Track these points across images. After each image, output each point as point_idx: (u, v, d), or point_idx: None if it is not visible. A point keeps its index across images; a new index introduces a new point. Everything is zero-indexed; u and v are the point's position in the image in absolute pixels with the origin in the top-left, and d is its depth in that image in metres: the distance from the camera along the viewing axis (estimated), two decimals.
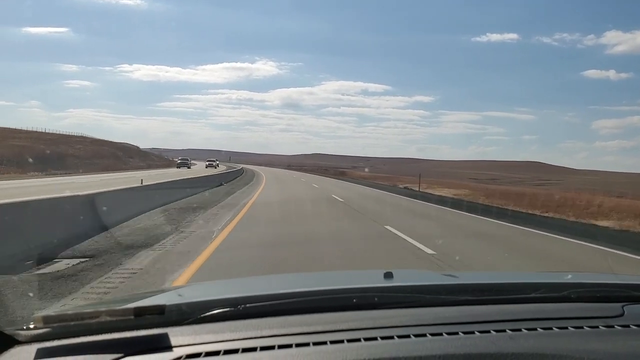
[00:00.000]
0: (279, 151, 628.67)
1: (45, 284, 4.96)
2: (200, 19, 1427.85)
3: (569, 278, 1.98)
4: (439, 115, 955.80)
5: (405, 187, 33.06)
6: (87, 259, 6.21)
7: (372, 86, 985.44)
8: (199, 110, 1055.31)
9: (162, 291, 1.83)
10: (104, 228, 8.32)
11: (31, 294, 4.61)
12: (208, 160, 70.98)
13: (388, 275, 1.69)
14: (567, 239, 10.21)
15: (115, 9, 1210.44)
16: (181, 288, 1.83)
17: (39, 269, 5.66)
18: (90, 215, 8.30)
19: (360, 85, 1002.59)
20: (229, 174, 36.83)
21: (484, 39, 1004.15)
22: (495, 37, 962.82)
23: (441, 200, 20.77)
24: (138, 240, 7.75)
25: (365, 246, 8.39)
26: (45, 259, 6.03)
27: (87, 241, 7.36)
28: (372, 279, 1.91)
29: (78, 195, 8.87)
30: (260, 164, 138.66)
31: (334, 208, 15.60)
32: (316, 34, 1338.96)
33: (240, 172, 47.30)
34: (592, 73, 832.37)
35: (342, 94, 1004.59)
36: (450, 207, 17.25)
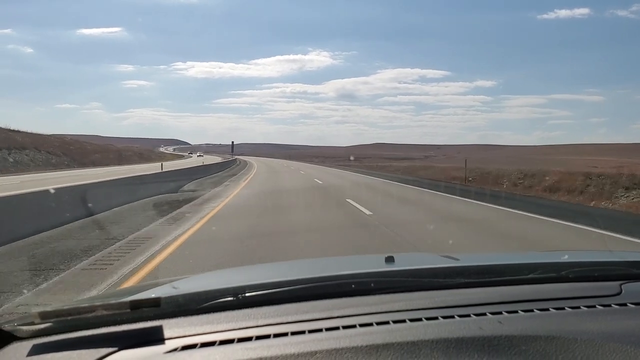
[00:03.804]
0: (335, 143, 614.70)
1: None
2: (251, 11, 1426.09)
3: (566, 258, 1.91)
4: (502, 100, 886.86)
5: None
6: None
7: (431, 72, 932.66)
8: (254, 105, 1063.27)
9: (158, 284, 1.78)
10: None
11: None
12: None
13: (389, 260, 1.69)
14: None
15: (165, 5, 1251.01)
16: (177, 280, 1.76)
17: None
18: None
19: (418, 72, 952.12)
20: None
21: (551, 15, 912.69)
22: (564, 13, 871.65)
23: None
24: None
25: None
26: None
27: None
28: (372, 264, 1.93)
29: None
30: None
31: None
32: (371, 20, 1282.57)
33: None
34: None
35: (399, 82, 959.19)
36: None
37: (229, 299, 1.33)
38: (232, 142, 72.60)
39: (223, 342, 1.12)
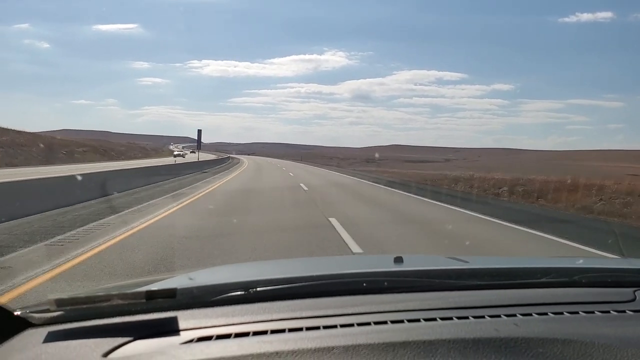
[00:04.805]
0: (349, 144, 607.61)
1: None
2: (267, 10, 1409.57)
3: (579, 263, 1.91)
4: (519, 104, 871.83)
5: None
6: None
7: (447, 75, 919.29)
8: (269, 105, 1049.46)
9: (174, 275, 1.76)
10: None
11: None
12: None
13: (398, 260, 1.69)
14: None
15: (181, 3, 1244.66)
16: (192, 272, 1.75)
17: None
18: None
19: (435, 74, 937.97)
20: None
21: (572, 19, 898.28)
22: (586, 16, 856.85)
23: None
24: None
25: None
26: None
27: None
28: (382, 264, 1.93)
29: None
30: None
31: None
32: (388, 20, 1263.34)
33: None
34: None
35: (415, 84, 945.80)
36: None
37: (244, 292, 1.34)
38: (199, 130, 42.80)
39: (238, 335, 1.13)
